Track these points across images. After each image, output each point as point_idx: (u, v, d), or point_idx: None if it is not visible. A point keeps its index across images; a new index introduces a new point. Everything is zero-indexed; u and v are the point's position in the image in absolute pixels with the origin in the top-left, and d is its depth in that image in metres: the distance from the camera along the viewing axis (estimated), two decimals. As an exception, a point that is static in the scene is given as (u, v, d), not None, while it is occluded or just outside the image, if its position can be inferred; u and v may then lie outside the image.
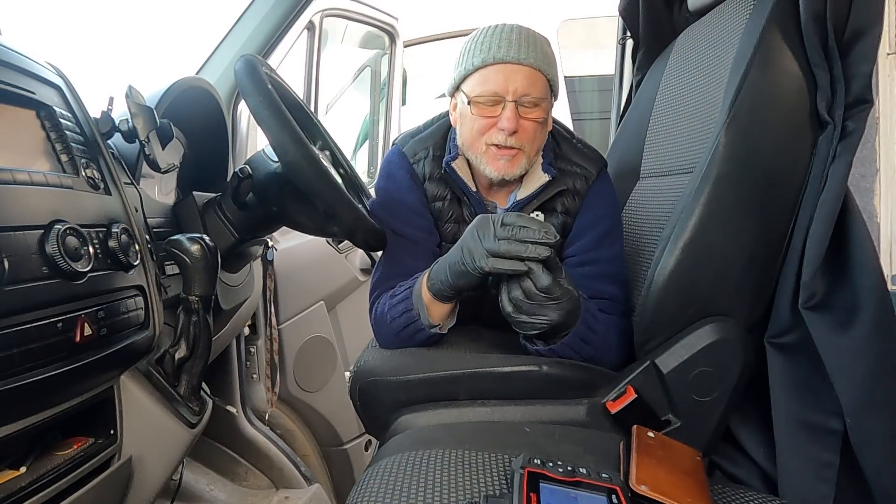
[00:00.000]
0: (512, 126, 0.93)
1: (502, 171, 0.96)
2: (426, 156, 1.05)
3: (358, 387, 0.97)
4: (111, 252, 0.68)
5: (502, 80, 0.93)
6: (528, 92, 0.93)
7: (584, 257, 1.02)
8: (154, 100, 0.95)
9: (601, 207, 1.03)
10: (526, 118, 0.94)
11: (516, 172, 0.97)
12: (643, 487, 0.63)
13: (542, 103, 0.95)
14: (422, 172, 1.04)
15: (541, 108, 0.95)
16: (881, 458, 0.78)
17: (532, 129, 0.95)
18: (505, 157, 0.95)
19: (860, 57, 0.84)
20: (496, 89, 0.93)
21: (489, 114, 0.95)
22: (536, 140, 0.97)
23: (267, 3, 1.38)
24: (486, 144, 0.96)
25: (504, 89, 0.93)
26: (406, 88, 2.41)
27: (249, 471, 1.44)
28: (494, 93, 0.94)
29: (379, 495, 0.61)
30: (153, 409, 0.76)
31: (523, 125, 0.94)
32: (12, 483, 0.59)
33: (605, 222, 1.03)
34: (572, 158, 1.04)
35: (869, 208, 1.72)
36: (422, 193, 1.04)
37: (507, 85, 0.93)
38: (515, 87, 0.93)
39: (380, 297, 1.00)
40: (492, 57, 0.94)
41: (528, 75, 0.94)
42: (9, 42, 0.67)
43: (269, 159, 0.97)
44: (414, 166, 1.05)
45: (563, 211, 1.03)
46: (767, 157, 0.87)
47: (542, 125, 0.97)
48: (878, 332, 0.79)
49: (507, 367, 0.91)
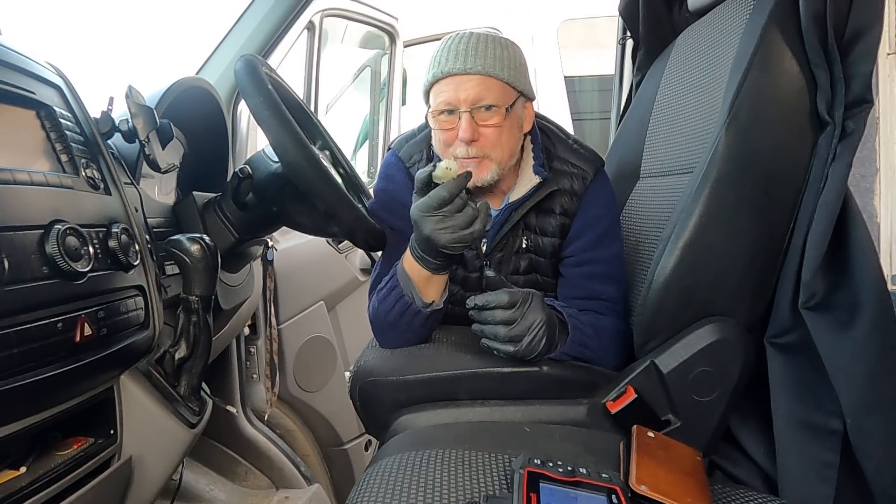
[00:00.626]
0: (467, 136, 0.93)
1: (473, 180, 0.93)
2: (420, 159, 1.06)
3: (358, 387, 0.97)
4: (111, 252, 0.68)
5: (452, 91, 0.94)
6: (481, 98, 0.93)
7: (581, 257, 1.02)
8: (154, 100, 0.95)
9: (599, 208, 1.03)
10: (485, 125, 0.94)
11: (486, 178, 0.96)
12: (643, 487, 0.64)
13: (500, 105, 0.95)
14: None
15: (498, 112, 0.94)
16: (881, 458, 0.78)
17: (493, 135, 0.95)
18: (471, 165, 0.94)
19: (860, 57, 0.84)
20: (449, 100, 0.94)
21: (449, 126, 0.96)
22: (504, 144, 0.96)
23: (267, 3, 1.38)
24: (454, 156, 0.96)
25: (456, 99, 0.94)
26: (406, 88, 2.41)
27: (249, 471, 1.44)
28: (448, 103, 0.94)
29: (379, 495, 0.61)
30: (153, 409, 0.76)
31: (483, 132, 0.94)
32: (12, 483, 0.59)
33: (603, 222, 1.03)
34: (568, 159, 1.04)
35: (869, 208, 1.72)
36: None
37: (458, 94, 0.94)
38: (466, 96, 0.93)
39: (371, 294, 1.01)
40: (440, 71, 0.95)
41: (479, 82, 0.94)
42: (9, 42, 0.67)
43: (269, 159, 0.97)
44: (409, 169, 1.06)
45: (560, 212, 1.03)
46: (767, 157, 0.87)
47: (504, 129, 0.96)
48: (878, 332, 0.79)
49: (507, 367, 0.91)
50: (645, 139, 1.21)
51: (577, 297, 1.02)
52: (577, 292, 1.02)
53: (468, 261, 1.06)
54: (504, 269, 1.04)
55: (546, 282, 1.06)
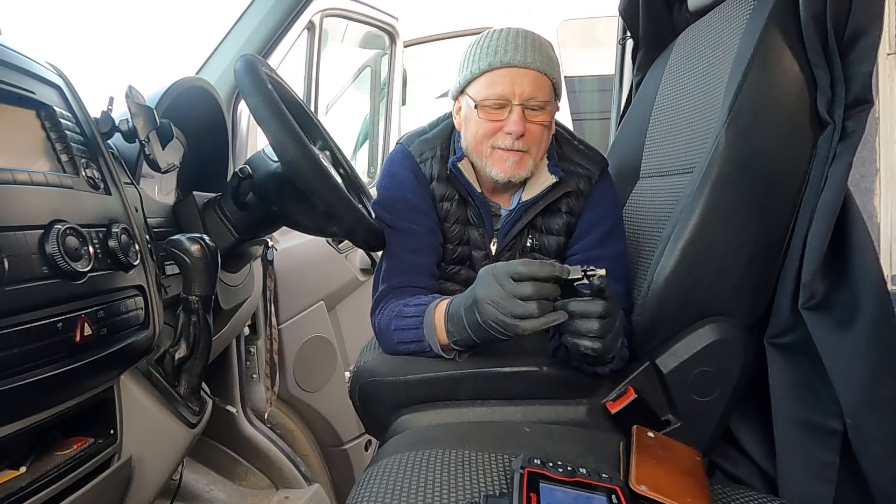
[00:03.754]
0: (519, 129, 0.93)
1: (509, 173, 0.96)
2: (433, 156, 1.05)
3: (358, 387, 0.97)
4: (111, 252, 0.68)
5: (509, 83, 0.93)
6: (535, 95, 0.93)
7: (588, 255, 1.02)
8: (154, 100, 0.95)
9: (605, 207, 1.04)
10: (532, 121, 0.95)
11: (523, 174, 0.97)
12: (643, 487, 0.63)
13: (548, 106, 0.96)
14: (429, 172, 1.04)
15: (546, 111, 0.95)
16: (881, 458, 0.78)
17: (538, 133, 0.96)
18: (512, 159, 0.95)
19: (860, 57, 0.84)
20: (503, 92, 0.93)
21: (496, 117, 0.95)
22: (542, 143, 0.97)
23: (267, 3, 1.38)
24: (492, 147, 0.96)
25: (511, 93, 0.93)
26: (406, 88, 2.41)
27: (249, 471, 1.44)
28: (501, 96, 0.94)
29: (379, 495, 0.61)
30: (153, 409, 0.76)
31: (530, 128, 0.95)
32: (12, 483, 0.59)
33: (608, 220, 1.03)
34: (574, 159, 1.05)
35: (869, 208, 1.72)
36: (427, 193, 1.04)
37: (514, 88, 0.93)
38: (522, 91, 0.93)
39: (383, 302, 0.99)
40: (498, 61, 0.94)
41: (534, 79, 0.94)
42: (9, 42, 0.67)
43: (269, 159, 0.97)
44: (420, 166, 1.05)
45: (567, 211, 1.03)
46: (767, 157, 0.87)
47: (547, 128, 0.97)
48: (878, 332, 0.79)
49: (508, 367, 0.91)
50: (645, 139, 1.21)
51: None
52: None
53: (476, 261, 1.05)
54: None
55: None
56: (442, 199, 1.04)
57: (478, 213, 1.03)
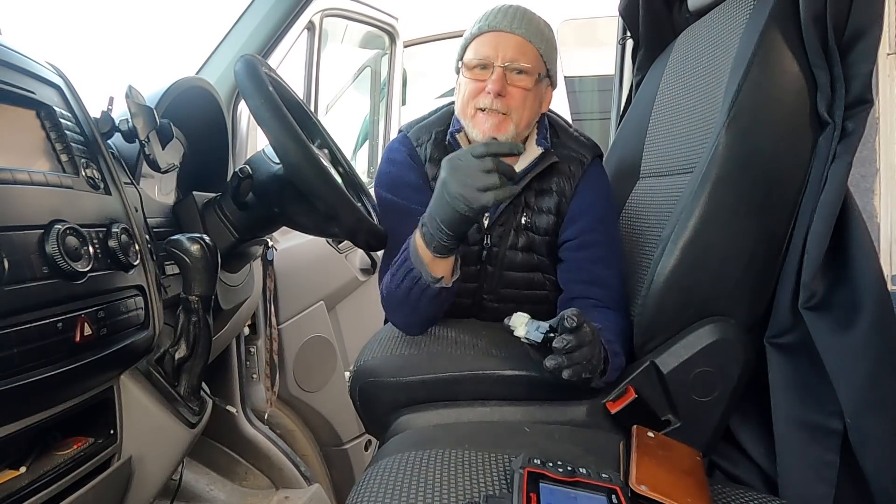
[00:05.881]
0: (497, 88, 0.96)
1: (488, 133, 0.99)
2: (429, 139, 1.09)
3: (358, 387, 0.97)
4: (111, 252, 0.68)
5: (492, 46, 0.99)
6: (517, 59, 0.98)
7: (581, 240, 1.04)
8: (154, 100, 0.95)
9: (596, 192, 1.07)
10: (514, 85, 0.98)
11: (502, 137, 0.99)
12: (643, 487, 0.63)
13: (531, 72, 0.99)
14: (423, 155, 1.09)
15: (529, 76, 0.99)
16: (881, 458, 0.78)
17: (519, 96, 0.98)
18: (491, 121, 0.98)
19: (860, 57, 0.84)
20: (487, 53, 0.99)
21: (479, 77, 1.00)
22: (525, 108, 1.00)
23: (267, 3, 1.38)
24: (475, 108, 1.00)
25: (494, 55, 0.98)
26: (406, 88, 2.41)
27: (249, 471, 1.43)
28: (485, 56, 0.99)
29: (379, 495, 0.61)
30: (153, 409, 0.76)
31: (510, 91, 0.98)
32: (12, 483, 0.59)
33: (600, 205, 1.06)
34: (568, 143, 1.08)
35: (869, 208, 1.71)
36: (421, 173, 1.08)
37: (497, 51, 0.98)
38: (505, 53, 0.98)
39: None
40: (486, 26, 1.00)
41: (518, 44, 0.99)
42: (9, 42, 0.67)
43: (269, 159, 0.97)
44: (417, 150, 1.09)
45: (558, 191, 1.05)
46: (767, 157, 0.87)
47: (530, 93, 1.00)
48: (878, 332, 0.79)
49: (508, 370, 0.91)
50: (645, 139, 1.21)
51: (579, 280, 1.04)
52: (578, 276, 1.04)
53: (469, 234, 1.06)
54: (502, 244, 1.07)
55: (541, 261, 1.08)
56: (434, 178, 1.06)
57: None
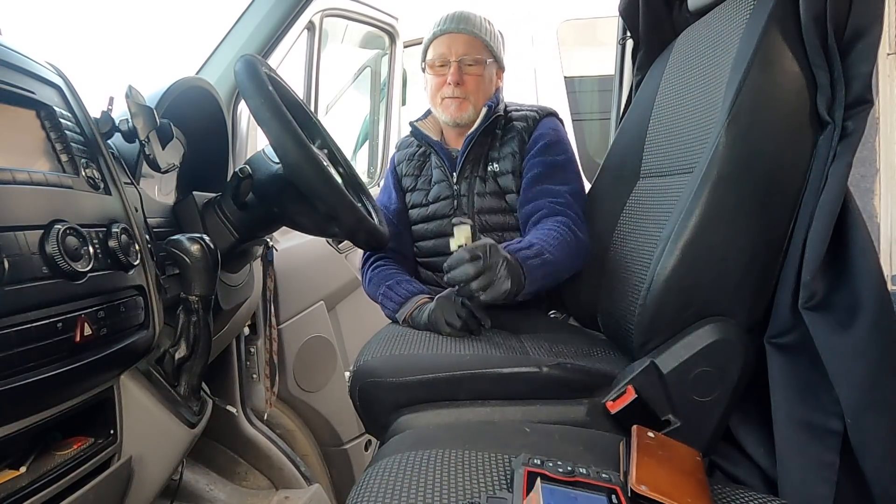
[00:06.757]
0: (455, 79, 1.25)
1: (454, 115, 1.27)
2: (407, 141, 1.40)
3: (358, 387, 0.97)
4: (111, 252, 0.68)
5: (447, 45, 1.27)
6: (468, 52, 1.26)
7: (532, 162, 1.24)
8: (154, 100, 0.95)
9: (548, 129, 1.28)
10: (468, 74, 1.26)
11: (465, 116, 1.27)
12: (643, 487, 0.63)
13: (480, 61, 1.27)
14: (399, 154, 1.40)
15: (479, 65, 1.27)
16: (881, 458, 0.78)
17: (474, 83, 1.27)
18: (454, 104, 1.26)
19: (860, 57, 0.84)
20: (442, 52, 1.27)
21: (440, 73, 1.28)
22: (480, 92, 1.28)
23: (267, 3, 1.38)
24: (441, 98, 1.28)
25: (449, 52, 1.27)
26: (406, 88, 2.41)
27: (249, 471, 1.43)
28: (441, 55, 1.27)
29: (379, 495, 0.61)
30: (153, 409, 0.76)
31: (466, 79, 1.26)
32: (12, 483, 0.59)
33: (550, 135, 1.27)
34: (522, 108, 1.33)
35: (869, 208, 1.72)
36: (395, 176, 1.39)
37: (451, 49, 1.27)
38: (457, 50, 1.26)
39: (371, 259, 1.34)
40: (440, 30, 1.28)
41: (467, 41, 1.27)
42: (9, 42, 0.67)
43: (269, 160, 0.97)
44: (396, 154, 1.41)
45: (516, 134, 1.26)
46: (767, 157, 0.87)
47: (482, 78, 1.28)
48: (878, 332, 0.79)
49: (507, 368, 0.91)
50: (645, 139, 1.21)
51: (531, 199, 1.21)
52: (530, 195, 1.21)
53: (440, 189, 1.31)
54: (470, 192, 1.28)
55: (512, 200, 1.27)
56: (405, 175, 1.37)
57: (439, 157, 1.32)
